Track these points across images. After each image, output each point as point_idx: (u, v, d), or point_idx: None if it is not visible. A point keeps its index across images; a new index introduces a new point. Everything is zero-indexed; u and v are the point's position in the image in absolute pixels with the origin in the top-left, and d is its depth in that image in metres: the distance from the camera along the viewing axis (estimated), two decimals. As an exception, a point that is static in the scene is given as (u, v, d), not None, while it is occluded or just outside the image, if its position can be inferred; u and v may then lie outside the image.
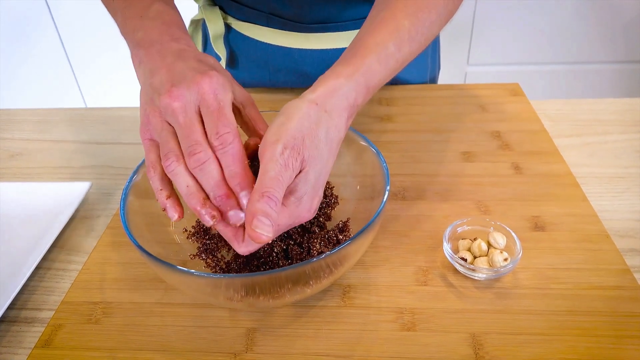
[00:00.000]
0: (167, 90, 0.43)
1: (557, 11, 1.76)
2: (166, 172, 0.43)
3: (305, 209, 0.43)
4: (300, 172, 0.42)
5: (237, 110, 0.48)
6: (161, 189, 0.44)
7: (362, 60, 0.47)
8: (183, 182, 0.42)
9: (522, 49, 1.86)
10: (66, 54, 1.93)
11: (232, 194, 0.41)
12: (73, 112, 0.88)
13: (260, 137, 0.48)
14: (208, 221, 0.41)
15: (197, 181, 0.42)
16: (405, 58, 0.51)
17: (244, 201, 0.41)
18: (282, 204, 0.41)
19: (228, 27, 0.85)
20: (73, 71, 1.98)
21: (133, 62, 0.50)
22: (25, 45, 1.91)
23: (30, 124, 0.85)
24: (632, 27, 1.75)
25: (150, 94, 0.45)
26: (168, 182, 0.44)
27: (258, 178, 0.40)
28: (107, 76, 1.97)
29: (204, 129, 0.42)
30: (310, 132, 0.42)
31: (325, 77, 0.46)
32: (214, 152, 0.42)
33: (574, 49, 1.84)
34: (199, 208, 0.41)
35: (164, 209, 0.44)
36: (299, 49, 0.81)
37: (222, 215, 0.42)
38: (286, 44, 0.81)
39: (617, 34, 1.79)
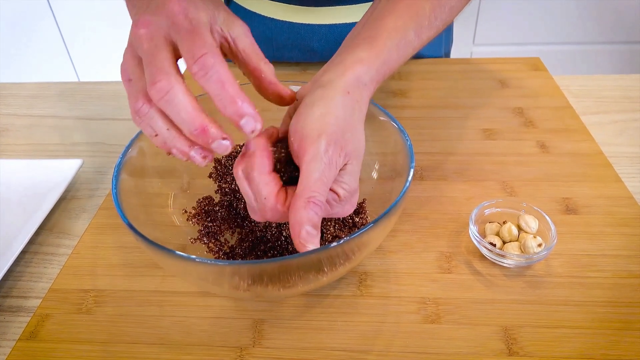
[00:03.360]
0: (136, 20, 0.37)
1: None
2: (137, 118, 0.36)
3: (351, 205, 0.40)
4: (345, 165, 0.38)
5: (224, 42, 0.40)
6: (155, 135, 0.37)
7: (383, 45, 0.43)
8: (162, 126, 0.35)
9: (530, 28, 1.81)
10: (57, 24, 1.85)
11: (210, 123, 0.35)
12: (64, 86, 0.83)
13: (251, 69, 0.40)
14: (201, 162, 0.36)
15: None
16: (422, 45, 0.48)
17: (246, 129, 0.35)
18: (328, 202, 0.38)
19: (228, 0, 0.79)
20: (65, 43, 1.90)
21: (127, 5, 0.45)
22: (13, 14, 1.83)
23: (18, 98, 0.80)
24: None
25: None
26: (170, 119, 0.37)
27: (301, 179, 0.36)
28: (101, 48, 1.89)
29: (175, 57, 0.36)
30: (349, 125, 0.38)
31: (348, 60, 0.42)
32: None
33: (582, 28, 1.79)
34: (186, 149, 0.36)
35: (187, 157, 0.37)
36: (305, 24, 0.76)
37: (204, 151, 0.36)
38: (291, 19, 0.76)
39: (623, 14, 1.73)
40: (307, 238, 0.35)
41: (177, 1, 0.36)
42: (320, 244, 0.44)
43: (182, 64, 0.36)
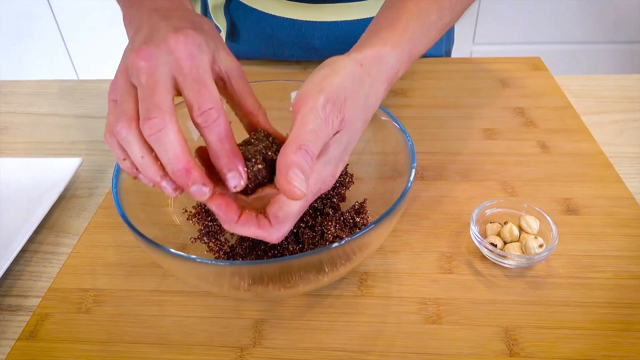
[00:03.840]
0: (137, 48, 0.37)
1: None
2: (110, 138, 0.36)
3: (330, 174, 0.38)
4: (337, 132, 0.37)
5: (220, 81, 0.41)
6: (124, 159, 0.37)
7: (406, 26, 0.43)
8: (137, 153, 0.35)
9: (530, 28, 1.81)
10: (56, 22, 1.85)
11: (194, 167, 0.35)
12: (64, 84, 0.82)
13: (245, 112, 0.41)
14: (171, 193, 0.36)
15: (153, 152, 0.35)
16: (445, 28, 0.47)
17: (231, 184, 0.35)
18: None
19: None
20: (64, 41, 1.90)
21: (124, 22, 0.44)
22: (12, 12, 1.82)
23: (18, 96, 0.80)
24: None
25: (127, 52, 0.39)
26: (149, 149, 0.37)
27: (293, 129, 0.35)
28: (100, 46, 1.89)
29: (172, 95, 0.36)
30: (352, 93, 0.38)
31: (371, 40, 0.42)
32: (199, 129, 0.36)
33: (583, 28, 1.79)
34: (158, 180, 0.36)
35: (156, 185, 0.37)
36: (306, 21, 0.75)
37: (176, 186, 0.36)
38: (292, 16, 0.76)
39: (623, 14, 1.73)
40: (295, 177, 0.33)
41: (184, 44, 0.36)
42: (321, 245, 0.44)
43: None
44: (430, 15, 0.45)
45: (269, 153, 0.37)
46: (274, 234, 0.37)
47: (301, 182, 0.33)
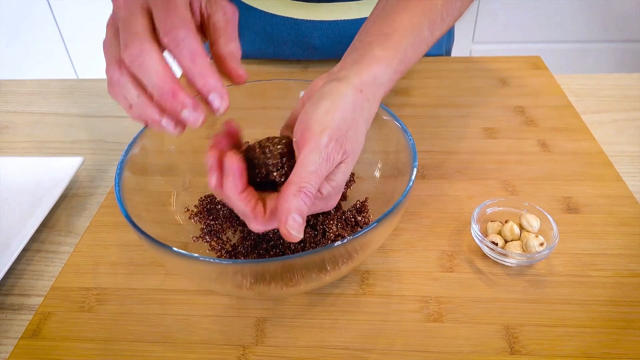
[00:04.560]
0: None
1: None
2: (111, 89, 0.36)
3: (334, 201, 0.40)
4: (340, 164, 0.38)
5: (204, 20, 0.39)
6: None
7: (399, 43, 0.43)
8: (133, 94, 0.35)
9: (530, 26, 1.81)
10: (55, 21, 1.84)
11: (179, 89, 0.34)
12: (64, 83, 0.82)
13: (218, 54, 0.39)
14: (173, 131, 0.36)
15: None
16: (434, 41, 0.48)
17: (213, 104, 0.35)
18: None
19: None
20: (63, 40, 1.89)
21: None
22: (12, 11, 1.82)
23: (18, 95, 0.80)
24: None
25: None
26: (143, 88, 0.35)
27: (296, 168, 0.36)
28: (100, 45, 1.88)
29: (147, 20, 0.35)
30: (353, 123, 0.38)
31: (365, 58, 0.41)
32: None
33: (583, 27, 1.79)
34: (157, 117, 0.35)
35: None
36: (306, 20, 0.75)
37: (176, 120, 0.36)
38: (292, 15, 0.76)
39: (623, 13, 1.73)
40: (293, 225, 0.35)
41: None
42: (323, 243, 0.44)
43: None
44: (423, 30, 0.45)
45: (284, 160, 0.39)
46: (259, 226, 0.38)
47: (299, 227, 0.35)
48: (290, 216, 0.35)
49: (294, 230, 0.35)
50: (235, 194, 0.37)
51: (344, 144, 0.37)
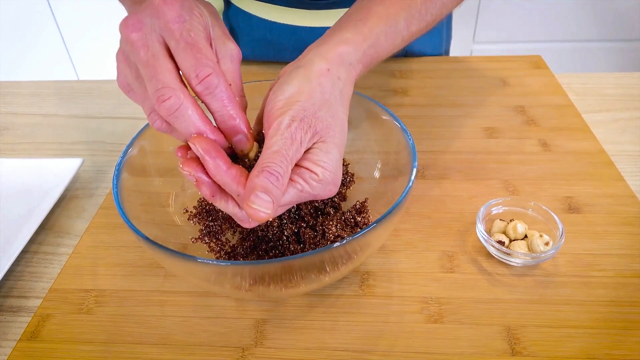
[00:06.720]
0: (125, 18, 0.35)
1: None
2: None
3: (334, 185, 0.38)
4: (317, 143, 0.37)
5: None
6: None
7: (371, 30, 0.42)
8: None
9: (530, 26, 1.81)
10: (56, 22, 1.84)
11: (217, 134, 0.36)
12: (64, 84, 0.82)
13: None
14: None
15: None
16: (411, 37, 0.47)
17: (238, 146, 0.36)
18: (307, 182, 0.36)
19: (227, 2, 0.79)
20: (64, 41, 1.90)
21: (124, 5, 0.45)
22: (12, 13, 1.82)
23: (18, 96, 0.80)
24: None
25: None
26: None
27: (262, 152, 0.35)
28: (100, 46, 1.88)
29: (172, 63, 0.35)
30: (324, 104, 0.37)
31: (332, 40, 0.41)
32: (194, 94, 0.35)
33: (584, 26, 1.78)
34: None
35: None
36: (306, 27, 0.75)
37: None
38: (292, 22, 0.75)
39: (624, 12, 1.73)
40: (257, 202, 0.33)
41: (170, 5, 0.35)
42: (323, 244, 0.44)
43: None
44: (398, 22, 0.44)
45: None
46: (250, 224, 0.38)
47: (264, 203, 0.33)
48: (254, 193, 0.33)
49: (259, 206, 0.33)
50: (222, 172, 0.35)
51: (313, 124, 0.36)
